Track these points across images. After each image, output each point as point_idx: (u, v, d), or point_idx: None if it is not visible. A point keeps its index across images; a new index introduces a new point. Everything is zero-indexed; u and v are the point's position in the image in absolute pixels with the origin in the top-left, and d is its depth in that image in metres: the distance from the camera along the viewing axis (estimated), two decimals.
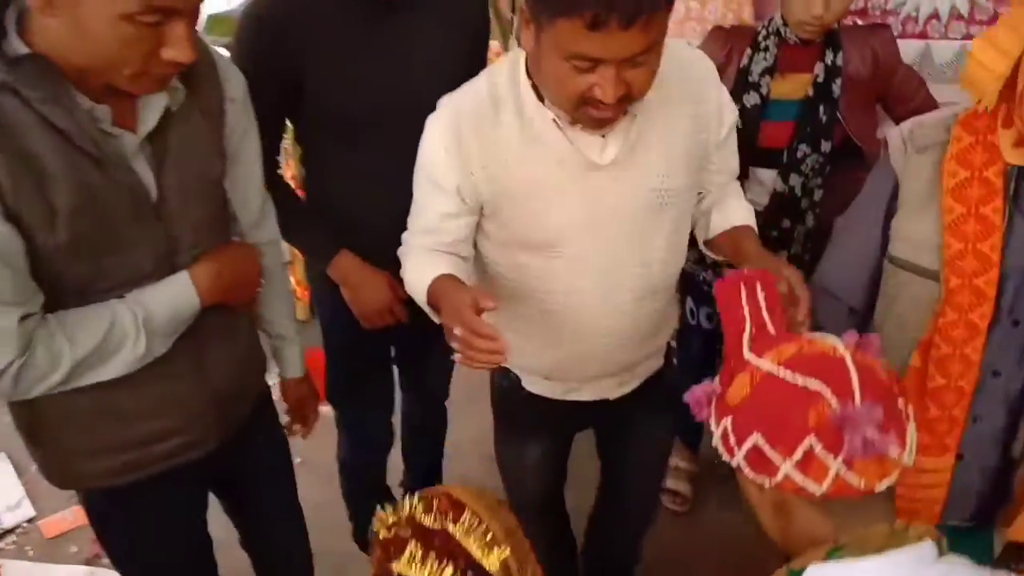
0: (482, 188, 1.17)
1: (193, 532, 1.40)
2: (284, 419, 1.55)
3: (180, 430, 1.19)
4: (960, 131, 1.10)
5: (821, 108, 1.70)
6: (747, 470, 0.80)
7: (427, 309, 1.20)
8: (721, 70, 1.72)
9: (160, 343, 1.07)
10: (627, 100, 1.04)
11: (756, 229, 1.32)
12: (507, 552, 0.81)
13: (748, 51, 1.73)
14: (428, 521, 0.84)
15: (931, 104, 1.77)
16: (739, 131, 1.73)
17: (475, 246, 1.29)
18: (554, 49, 1.00)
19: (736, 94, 1.71)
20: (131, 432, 1.15)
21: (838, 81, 1.68)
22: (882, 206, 1.19)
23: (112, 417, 1.12)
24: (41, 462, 1.20)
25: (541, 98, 1.12)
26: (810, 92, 1.70)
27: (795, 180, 1.76)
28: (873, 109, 1.80)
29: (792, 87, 1.71)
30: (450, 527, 0.82)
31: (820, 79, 1.68)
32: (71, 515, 2.35)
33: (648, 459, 1.60)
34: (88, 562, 2.22)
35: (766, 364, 0.79)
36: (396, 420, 2.12)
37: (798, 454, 0.74)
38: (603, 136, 1.13)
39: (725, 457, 0.83)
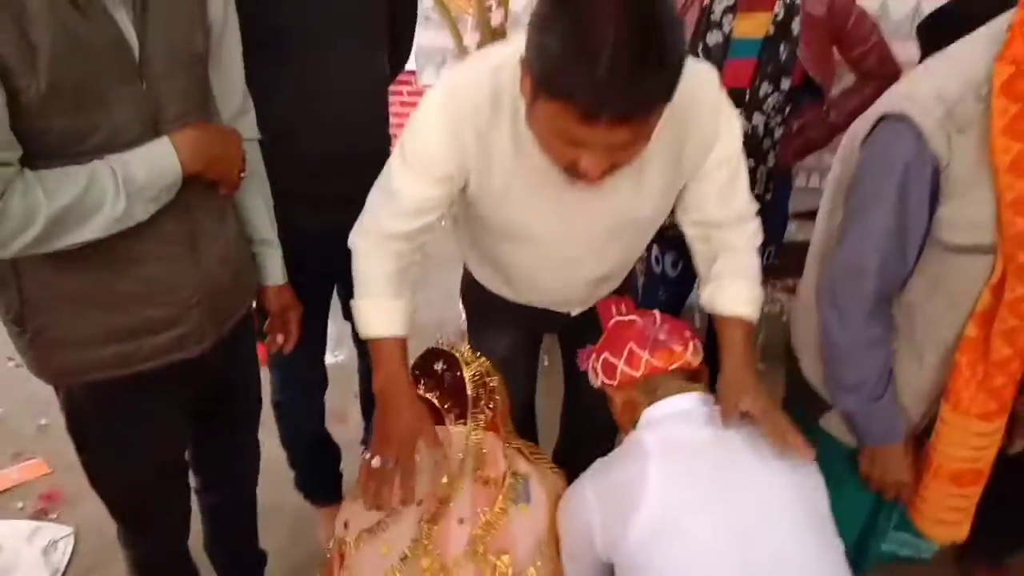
0: (470, 179, 1.20)
1: (172, 448, 1.38)
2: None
3: (174, 321, 1.17)
4: (1004, 102, 1.01)
5: (781, 46, 1.73)
6: (603, 378, 1.27)
7: (362, 335, 1.27)
8: (684, 9, 1.75)
9: (141, 207, 1.04)
10: (613, 170, 1.03)
11: (752, 319, 1.27)
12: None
13: None
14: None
15: (884, 48, 1.82)
16: None
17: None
18: (546, 119, 0.98)
19: (699, 33, 1.74)
20: (123, 319, 1.13)
21: (797, 19, 1.71)
22: (924, 194, 1.11)
23: (104, 302, 1.10)
24: (27, 353, 1.16)
25: None
26: (771, 30, 1.73)
27: (758, 119, 1.79)
28: (830, 50, 1.84)
29: (753, 26, 1.74)
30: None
31: (780, 17, 1.71)
32: (16, 472, 2.27)
33: None
34: (34, 517, 2.14)
35: (614, 320, 1.32)
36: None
37: (624, 355, 1.23)
38: None
39: (593, 382, 1.31)
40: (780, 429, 1.11)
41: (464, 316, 1.65)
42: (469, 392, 1.28)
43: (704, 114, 1.15)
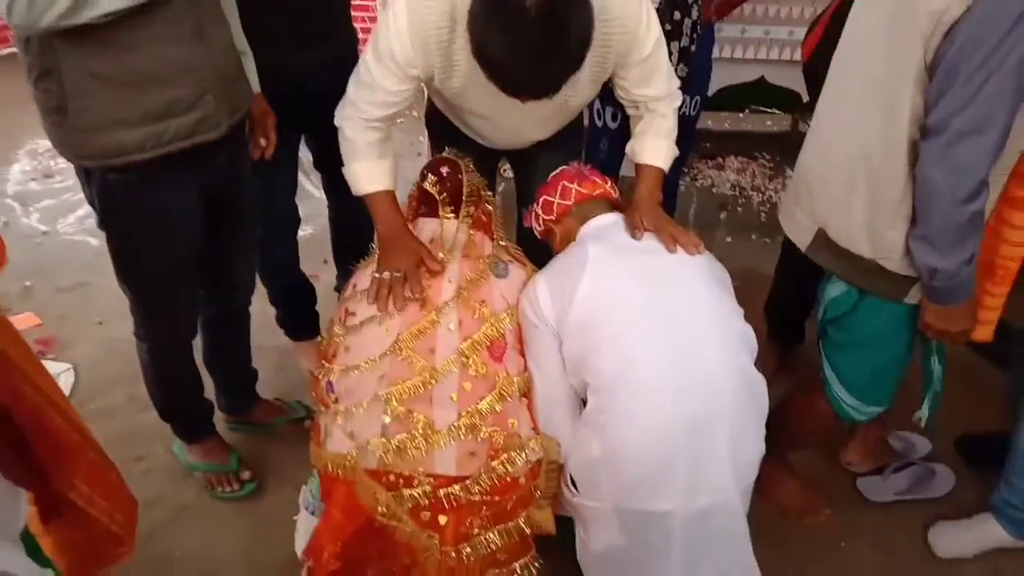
0: (434, 76, 1.46)
1: (190, 236, 1.55)
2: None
3: (193, 103, 1.36)
4: None
5: None
6: (544, 216, 1.55)
7: (358, 193, 1.56)
8: None
9: None
10: None
11: (663, 167, 1.59)
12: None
13: None
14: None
15: None
16: None
17: None
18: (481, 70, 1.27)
19: None
20: (151, 100, 1.32)
21: None
22: None
23: (132, 82, 1.29)
24: (65, 139, 1.34)
25: None
26: None
27: None
28: None
29: None
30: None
31: None
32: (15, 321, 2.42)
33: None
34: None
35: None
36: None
37: (558, 190, 1.53)
38: None
39: (538, 229, 1.59)
40: (671, 235, 1.43)
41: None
42: (464, 190, 1.54)
43: (626, 24, 1.43)
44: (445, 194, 1.56)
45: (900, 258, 1.39)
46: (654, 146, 1.61)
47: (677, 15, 2.07)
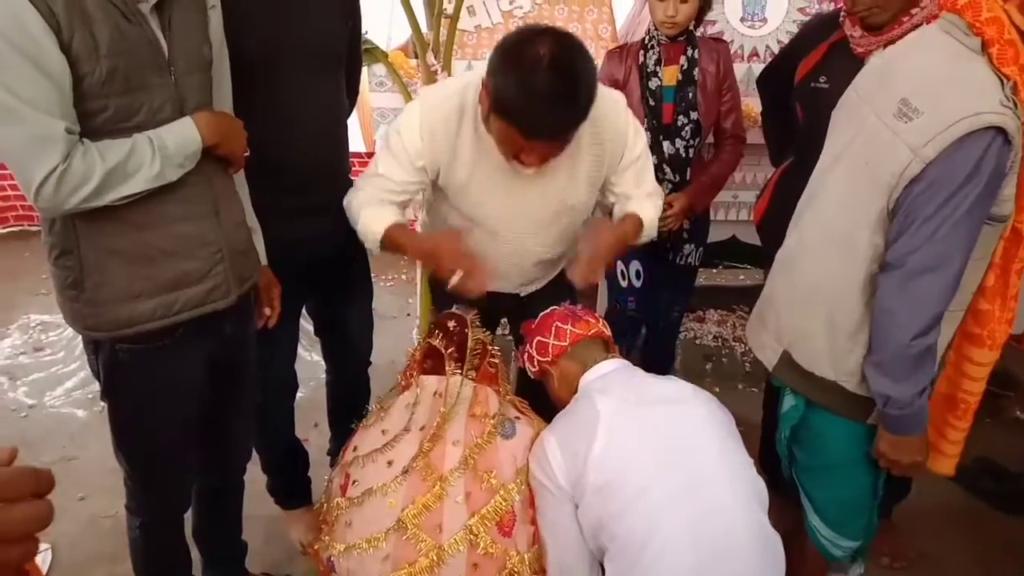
0: (441, 170, 1.59)
1: (192, 408, 1.55)
2: None
3: (205, 274, 1.40)
4: None
5: (688, 90, 2.25)
6: (538, 359, 1.56)
7: (375, 247, 1.66)
8: (626, 77, 2.28)
9: (171, 170, 1.29)
10: (545, 161, 1.47)
11: (645, 219, 1.69)
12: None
13: (641, 52, 2.26)
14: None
15: (739, 101, 2.34)
16: (651, 108, 2.27)
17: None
18: (497, 129, 1.43)
19: (643, 82, 2.26)
20: (164, 273, 1.36)
21: (697, 69, 2.24)
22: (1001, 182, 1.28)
23: (148, 258, 1.34)
24: (81, 311, 1.36)
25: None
26: (679, 77, 2.24)
27: (679, 144, 2.28)
28: (718, 97, 2.32)
29: (669, 76, 2.26)
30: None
31: (685, 67, 2.24)
32: None
33: None
34: None
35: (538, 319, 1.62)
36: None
37: (552, 331, 1.54)
38: None
39: (532, 371, 1.60)
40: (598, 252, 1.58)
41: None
42: (469, 346, 1.58)
43: (617, 127, 1.60)
44: (452, 349, 1.58)
45: (859, 382, 1.46)
46: (640, 203, 1.70)
47: (677, 177, 2.31)
